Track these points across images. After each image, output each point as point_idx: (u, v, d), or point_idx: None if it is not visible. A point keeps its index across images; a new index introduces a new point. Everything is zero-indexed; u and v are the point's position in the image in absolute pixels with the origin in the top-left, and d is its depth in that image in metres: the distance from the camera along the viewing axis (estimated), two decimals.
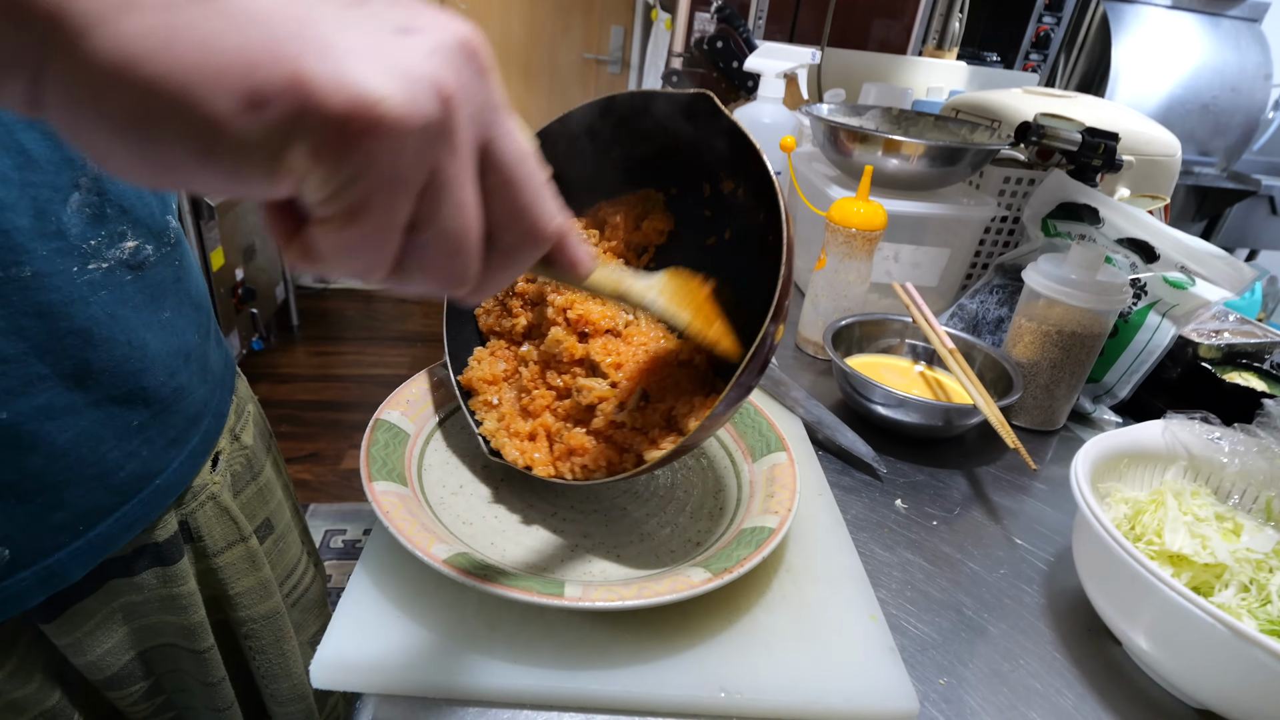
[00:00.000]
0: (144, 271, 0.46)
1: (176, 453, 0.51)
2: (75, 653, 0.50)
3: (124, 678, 0.54)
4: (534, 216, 0.25)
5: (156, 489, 0.49)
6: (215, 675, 0.58)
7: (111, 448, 0.45)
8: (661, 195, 0.54)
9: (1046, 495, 0.69)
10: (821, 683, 0.44)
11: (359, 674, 0.42)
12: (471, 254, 0.24)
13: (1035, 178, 0.95)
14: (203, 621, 0.56)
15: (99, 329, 0.43)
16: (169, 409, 0.49)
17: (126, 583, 0.51)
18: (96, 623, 0.50)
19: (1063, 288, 0.70)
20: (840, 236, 0.81)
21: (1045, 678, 0.49)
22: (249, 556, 0.58)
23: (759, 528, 0.50)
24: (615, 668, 0.44)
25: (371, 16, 0.20)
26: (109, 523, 0.46)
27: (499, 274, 0.26)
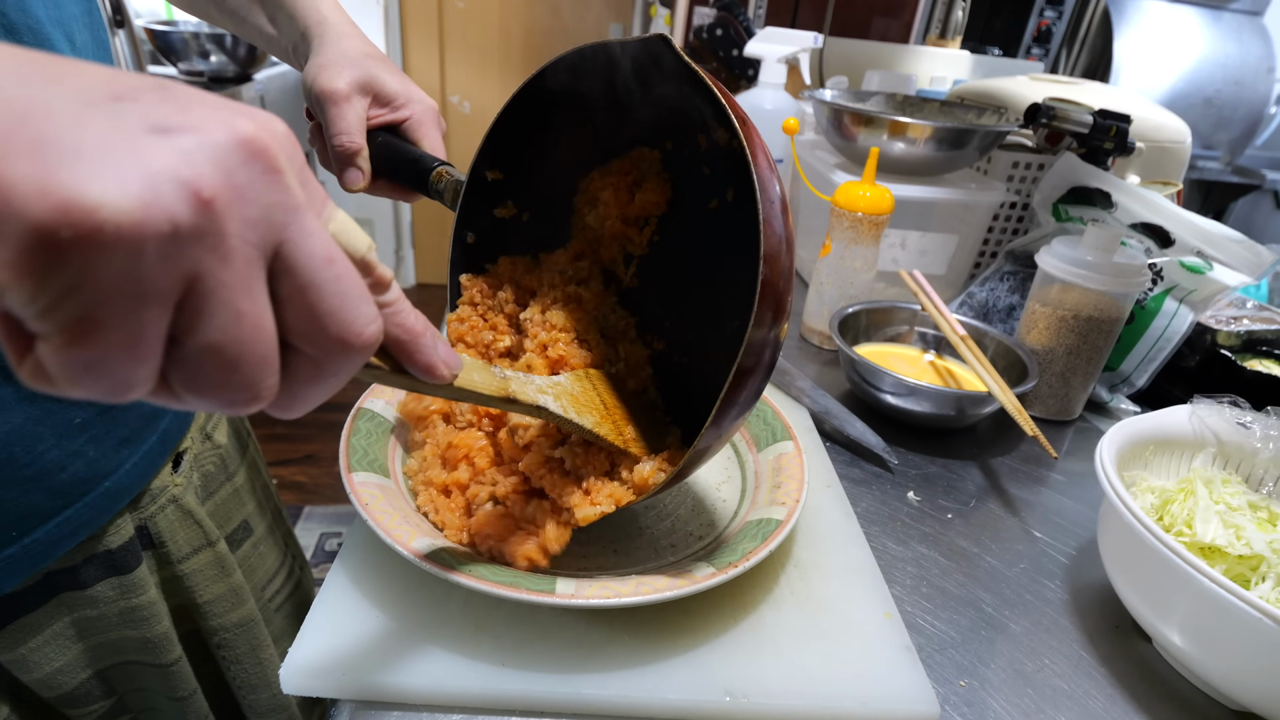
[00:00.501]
0: None
1: (129, 453, 0.47)
2: (21, 669, 0.46)
3: (81, 696, 0.50)
4: (340, 324, 0.22)
5: (105, 492, 0.45)
6: (185, 689, 0.55)
7: (50, 446, 0.41)
8: (657, 153, 0.49)
9: (1064, 487, 0.66)
10: (834, 685, 0.41)
11: (333, 679, 0.38)
12: (257, 367, 0.21)
13: (1044, 162, 0.92)
14: (167, 633, 0.52)
15: None
16: (119, 406, 0.45)
17: (78, 596, 0.47)
18: (44, 639, 0.46)
19: (1079, 270, 0.67)
20: (846, 221, 0.78)
21: (1072, 678, 0.46)
22: (217, 562, 0.55)
23: (766, 519, 0.47)
24: (612, 670, 0.41)
25: (124, 114, 0.18)
26: (48, 528, 0.43)
27: (310, 387, 0.23)
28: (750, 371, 0.38)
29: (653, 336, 0.52)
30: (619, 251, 0.52)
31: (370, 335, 0.23)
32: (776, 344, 0.39)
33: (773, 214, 0.36)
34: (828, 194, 0.81)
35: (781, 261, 0.37)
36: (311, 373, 0.23)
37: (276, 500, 0.70)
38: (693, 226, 0.50)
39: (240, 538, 0.61)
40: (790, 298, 0.39)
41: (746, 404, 0.40)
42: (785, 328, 0.40)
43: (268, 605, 0.65)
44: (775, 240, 0.36)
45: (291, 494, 2.06)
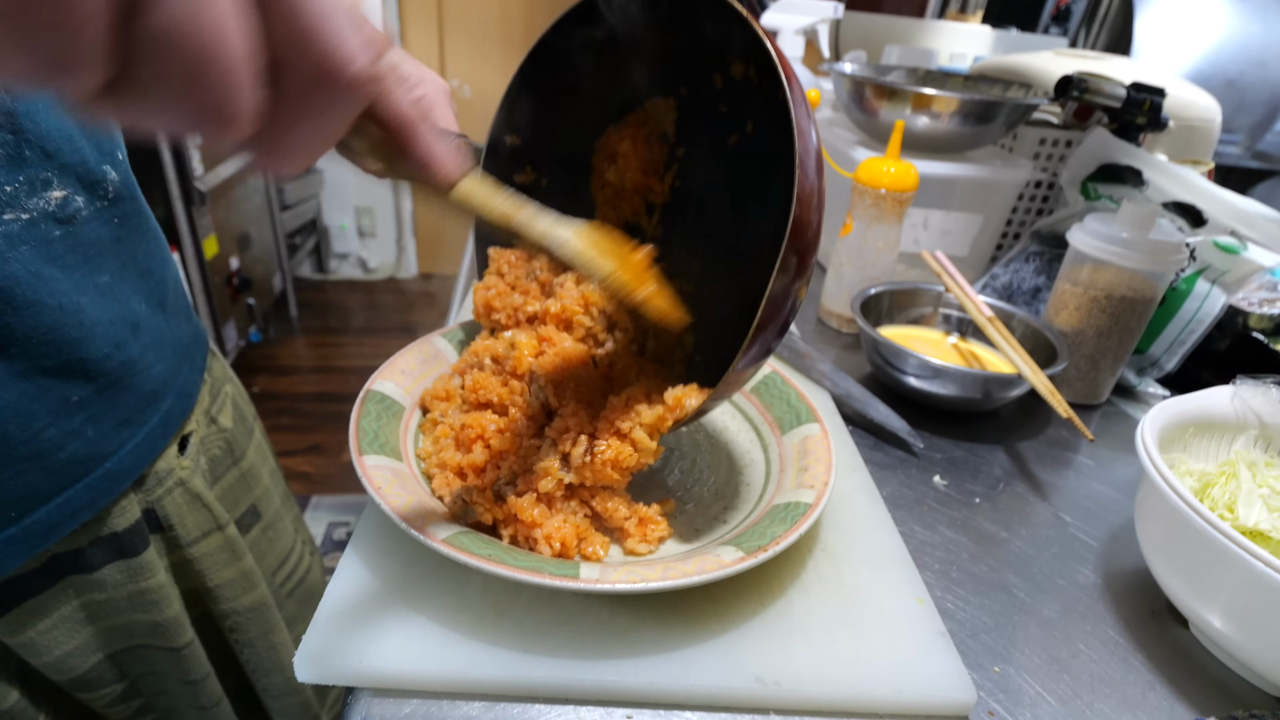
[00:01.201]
0: (75, 227, 0.41)
1: (130, 434, 0.45)
2: (31, 653, 0.45)
3: (92, 680, 0.49)
4: (323, 47, 0.20)
5: (107, 473, 0.44)
6: (197, 672, 0.54)
7: (46, 425, 0.40)
8: (672, 100, 0.49)
9: (1093, 471, 0.64)
10: (867, 671, 0.40)
11: (349, 667, 0.37)
12: (226, 73, 0.18)
13: (1072, 139, 0.90)
14: (177, 617, 0.51)
15: (21, 290, 0.38)
16: (117, 385, 0.44)
17: (85, 580, 0.46)
18: (53, 622, 0.45)
19: (1113, 248, 0.65)
20: (869, 199, 0.76)
21: (1108, 663, 0.45)
22: (227, 546, 0.54)
23: (793, 503, 0.46)
24: (638, 656, 0.39)
25: None
26: (49, 509, 0.41)
27: (293, 127, 0.21)
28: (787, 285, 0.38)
29: (682, 281, 0.51)
30: (640, 203, 0.51)
31: (357, 70, 0.20)
32: (813, 249, 0.38)
33: (807, 149, 0.35)
34: (849, 170, 0.79)
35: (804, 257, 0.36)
36: (293, 109, 0.20)
37: (285, 485, 0.69)
38: (714, 167, 0.50)
39: (249, 522, 0.60)
40: (819, 226, 0.38)
41: (786, 321, 0.40)
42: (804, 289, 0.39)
43: (279, 590, 0.64)
44: (809, 142, 0.36)
45: (299, 484, 2.06)
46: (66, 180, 0.40)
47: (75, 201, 0.41)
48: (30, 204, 0.38)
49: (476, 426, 0.47)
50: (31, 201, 0.38)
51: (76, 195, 0.41)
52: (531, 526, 0.42)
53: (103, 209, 0.43)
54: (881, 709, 0.39)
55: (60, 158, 0.39)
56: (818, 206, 0.37)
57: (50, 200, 0.39)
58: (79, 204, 0.41)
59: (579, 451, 0.43)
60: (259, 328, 2.52)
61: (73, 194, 0.40)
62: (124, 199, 0.45)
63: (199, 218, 1.98)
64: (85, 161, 0.41)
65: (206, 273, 2.04)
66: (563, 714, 0.38)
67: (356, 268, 3.42)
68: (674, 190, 0.52)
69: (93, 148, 0.42)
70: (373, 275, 3.42)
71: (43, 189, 0.39)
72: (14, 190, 0.37)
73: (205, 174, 1.99)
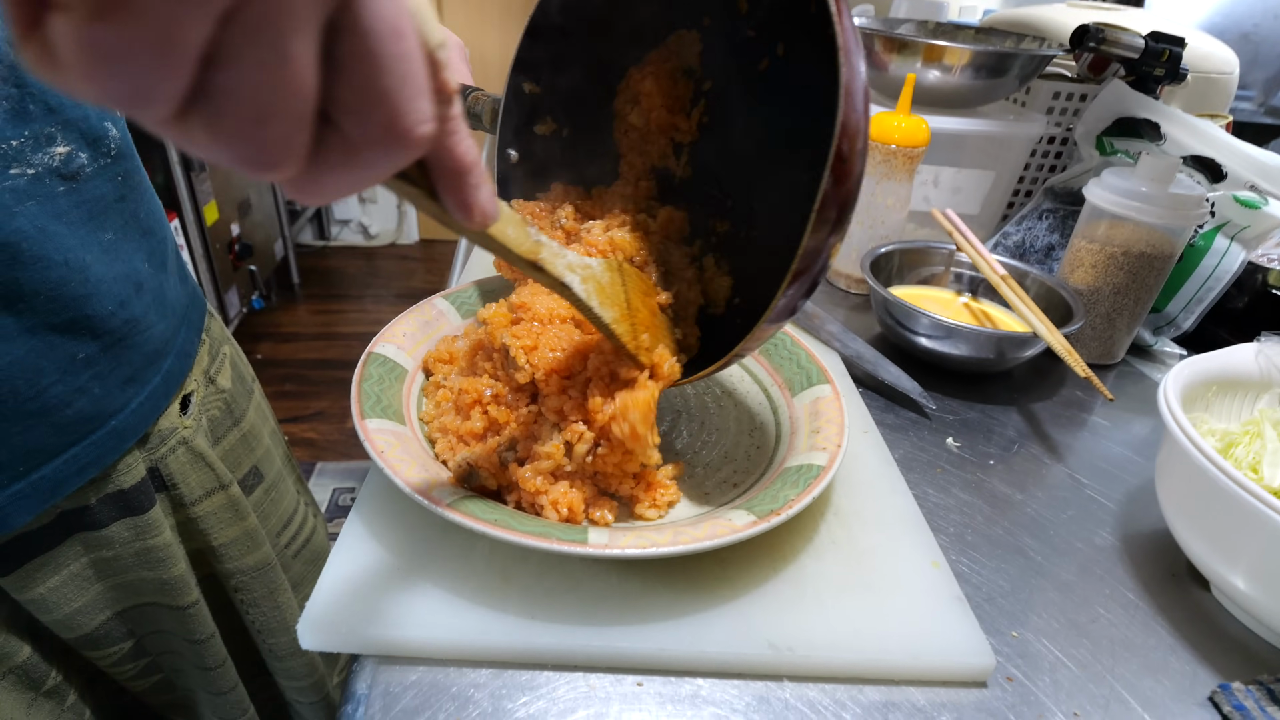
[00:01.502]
0: (79, 183, 0.41)
1: (135, 392, 0.46)
2: (41, 609, 0.46)
3: (100, 638, 0.50)
4: (392, 110, 0.19)
5: (112, 430, 0.44)
6: (203, 632, 0.54)
7: (54, 381, 0.40)
8: (695, 33, 0.47)
9: (1109, 432, 0.63)
10: (882, 637, 0.39)
11: (354, 634, 0.36)
12: (290, 125, 0.18)
13: (1087, 93, 0.87)
14: (183, 575, 0.51)
15: (28, 245, 0.38)
16: (122, 343, 0.44)
17: (94, 536, 0.46)
18: (63, 579, 0.46)
19: (1132, 203, 0.63)
20: (878, 155, 0.73)
21: (1128, 627, 0.44)
22: (231, 505, 0.54)
23: (806, 465, 0.44)
24: (648, 622, 0.38)
25: None
26: (56, 464, 0.42)
27: (338, 173, 0.20)
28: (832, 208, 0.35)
29: (715, 220, 0.49)
30: (668, 144, 0.50)
31: (421, 135, 0.20)
32: (860, 166, 0.36)
33: (854, 75, 0.32)
34: None
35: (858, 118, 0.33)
36: (344, 157, 0.20)
37: (286, 447, 0.68)
38: (744, 97, 0.47)
39: (252, 483, 0.59)
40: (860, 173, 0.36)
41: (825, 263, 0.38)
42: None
43: (284, 551, 0.64)
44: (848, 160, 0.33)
45: (303, 450, 2.06)
46: (70, 136, 0.40)
47: (79, 158, 0.41)
48: (35, 159, 0.38)
49: (473, 392, 0.46)
50: (36, 157, 0.38)
51: (80, 151, 0.41)
52: (536, 494, 0.41)
53: (106, 166, 0.43)
54: (897, 675, 0.38)
55: (63, 113, 0.39)
56: (862, 150, 0.34)
57: (54, 156, 0.39)
58: (83, 160, 0.41)
59: (582, 450, 0.42)
60: (261, 295, 2.50)
61: (76, 150, 0.40)
62: (125, 156, 0.45)
63: (198, 184, 1.95)
64: (87, 117, 0.41)
65: (208, 239, 2.02)
66: (571, 681, 0.37)
67: (358, 234, 3.39)
68: (702, 128, 0.49)
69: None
70: (374, 241, 3.39)
71: (47, 144, 0.39)
72: (19, 145, 0.37)
73: None
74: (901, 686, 0.38)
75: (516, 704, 0.35)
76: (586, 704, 0.36)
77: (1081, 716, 0.38)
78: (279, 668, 0.63)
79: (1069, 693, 0.39)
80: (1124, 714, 0.38)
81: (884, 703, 0.37)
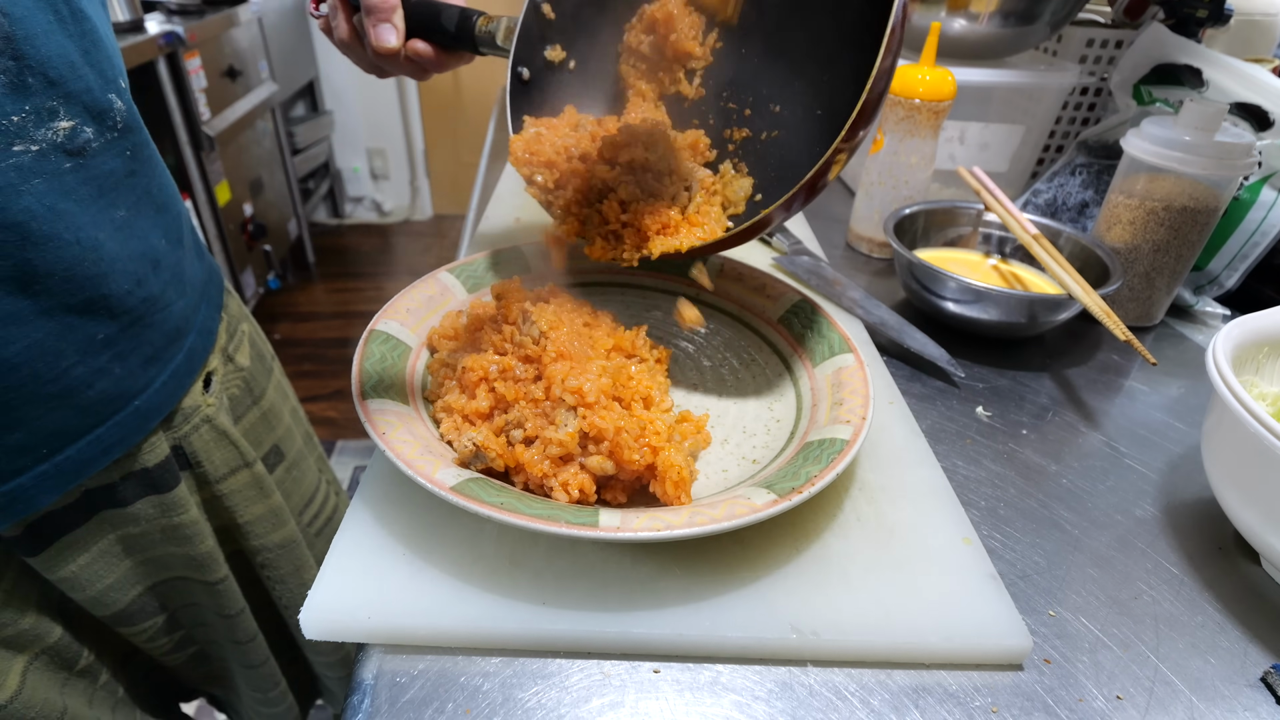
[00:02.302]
0: (86, 159, 0.39)
1: (157, 371, 0.45)
2: (73, 588, 0.46)
3: (134, 614, 0.50)
4: None
5: (136, 411, 0.43)
6: (233, 607, 0.54)
7: (74, 363, 0.39)
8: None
9: (1149, 397, 0.60)
10: (913, 617, 0.37)
11: (358, 623, 0.35)
12: None
13: (1123, 39, 0.82)
14: (211, 552, 0.51)
15: (37, 224, 0.36)
16: (140, 322, 0.43)
17: (120, 514, 0.46)
18: (92, 556, 0.46)
19: (1174, 153, 0.59)
20: (901, 111, 0.70)
21: (1173, 604, 0.41)
22: (255, 483, 0.53)
23: (829, 439, 0.42)
24: (664, 606, 0.37)
25: None
26: (80, 446, 0.41)
27: None
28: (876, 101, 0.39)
29: (733, 130, 0.54)
30: (680, 73, 0.53)
31: None
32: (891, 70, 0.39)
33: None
34: None
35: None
36: None
37: (307, 426, 0.68)
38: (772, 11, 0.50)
39: (273, 462, 0.59)
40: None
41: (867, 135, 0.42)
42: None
43: (307, 529, 0.64)
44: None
45: (324, 429, 2.07)
46: (73, 109, 0.38)
47: (84, 132, 0.39)
48: (38, 135, 0.36)
49: (478, 369, 0.44)
50: (40, 132, 0.37)
51: (85, 126, 0.39)
52: (544, 477, 0.40)
53: (113, 140, 0.41)
54: (929, 658, 0.36)
55: (64, 85, 0.38)
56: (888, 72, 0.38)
57: (58, 131, 0.37)
58: (88, 135, 0.39)
59: (599, 460, 0.40)
60: (277, 274, 2.50)
61: (81, 124, 0.39)
62: (132, 130, 0.44)
63: (209, 163, 1.93)
64: (90, 89, 0.39)
65: (220, 219, 2.01)
66: (585, 669, 0.35)
67: (371, 211, 3.37)
68: (715, 52, 0.53)
69: (96, 75, 0.40)
70: (388, 218, 3.37)
71: (49, 119, 0.37)
72: (20, 120, 0.36)
73: (212, 118, 1.94)
74: (933, 670, 0.36)
75: (528, 693, 0.34)
76: (601, 692, 0.34)
77: (1125, 699, 0.36)
78: (306, 643, 0.63)
79: (1110, 674, 0.37)
80: (1169, 696, 0.36)
81: (914, 687, 0.36)
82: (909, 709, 0.34)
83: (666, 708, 0.34)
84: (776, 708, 0.34)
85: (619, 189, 0.49)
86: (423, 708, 0.33)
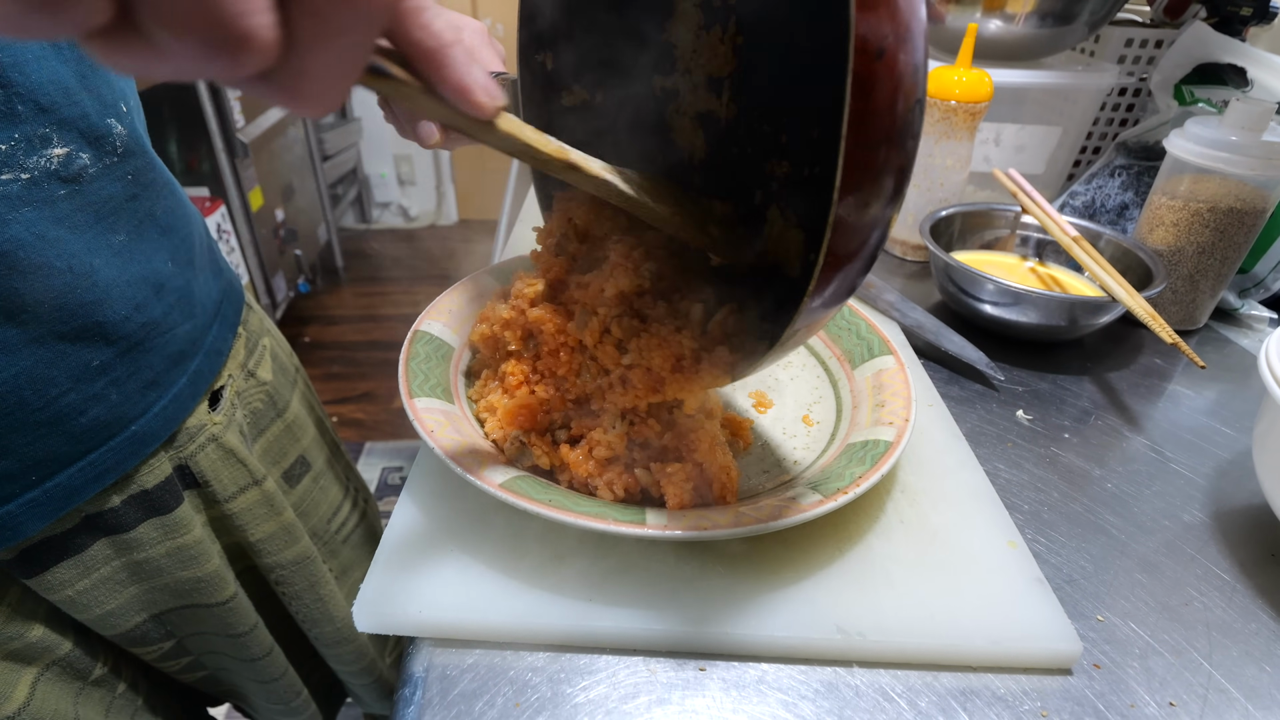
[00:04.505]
0: (82, 185, 0.38)
1: (157, 396, 0.44)
2: (74, 609, 0.45)
3: (139, 637, 0.49)
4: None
5: (133, 436, 0.43)
6: (243, 625, 0.53)
7: (65, 391, 0.39)
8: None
9: (1195, 402, 0.59)
10: (958, 620, 0.37)
11: (409, 617, 0.36)
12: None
13: (1163, 38, 0.81)
14: (218, 571, 0.50)
15: (25, 252, 0.35)
16: (140, 347, 0.42)
17: (123, 540, 0.45)
18: (93, 582, 0.45)
19: (1220, 153, 0.58)
20: (937, 112, 0.69)
21: (1226, 611, 0.41)
22: (265, 501, 0.52)
23: (872, 441, 0.42)
24: (709, 606, 0.37)
25: None
26: (70, 472, 0.40)
27: (316, 50, 0.18)
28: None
29: (772, 163, 0.39)
30: (705, 82, 0.42)
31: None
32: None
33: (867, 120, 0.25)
34: None
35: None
36: (314, 28, 0.18)
37: (333, 434, 0.68)
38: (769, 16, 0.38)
39: (299, 473, 0.59)
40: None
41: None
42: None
43: (335, 538, 0.64)
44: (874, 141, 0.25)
45: (351, 431, 2.09)
46: (68, 136, 0.37)
47: (80, 159, 0.38)
48: (30, 163, 0.36)
49: (518, 372, 0.44)
50: (31, 160, 0.36)
51: (81, 152, 0.38)
52: (589, 477, 0.40)
53: (112, 165, 0.40)
54: (976, 661, 0.36)
55: (57, 112, 0.37)
56: (902, 81, 0.25)
57: (52, 158, 0.36)
58: (84, 161, 0.38)
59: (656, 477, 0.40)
60: (307, 278, 2.54)
61: (76, 151, 0.38)
62: (135, 154, 0.43)
63: (243, 170, 1.97)
64: (86, 115, 0.38)
65: (253, 224, 2.04)
66: (631, 665, 0.36)
67: (398, 216, 3.41)
68: (737, 51, 0.40)
69: (94, 100, 0.39)
70: (414, 223, 3.41)
71: (42, 146, 0.36)
72: (9, 149, 0.35)
73: (246, 125, 1.98)
74: (980, 673, 0.36)
75: (576, 688, 0.34)
76: (649, 689, 0.34)
77: (1178, 706, 0.35)
78: (328, 654, 0.63)
79: (1162, 680, 0.37)
80: (1224, 704, 0.36)
81: (962, 690, 0.35)
82: (956, 711, 0.34)
83: (713, 705, 0.34)
84: (823, 707, 0.34)
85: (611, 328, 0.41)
86: (473, 700, 0.33)
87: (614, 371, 0.41)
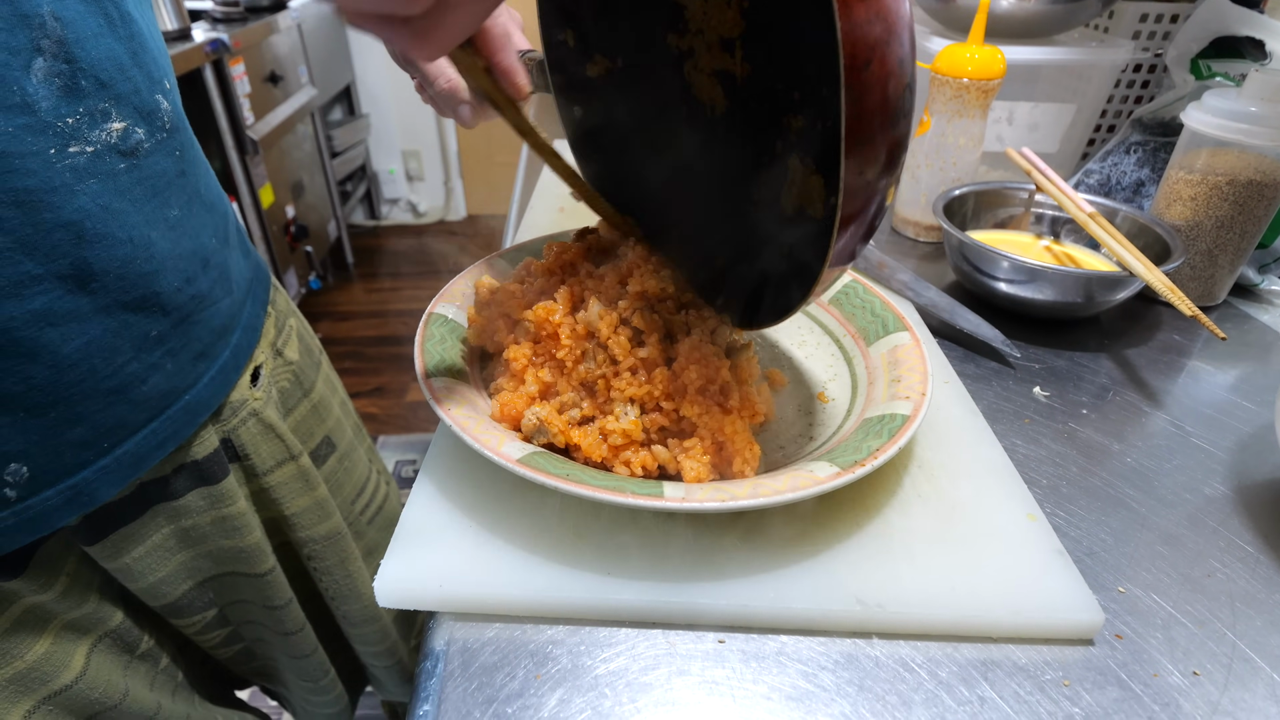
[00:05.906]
0: (139, 160, 0.40)
1: (206, 367, 0.46)
2: (128, 578, 0.47)
3: (184, 607, 0.51)
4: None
5: (187, 405, 0.44)
6: (280, 598, 0.55)
7: (129, 359, 0.40)
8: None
9: (1214, 377, 0.58)
10: (979, 592, 0.36)
11: (429, 591, 0.36)
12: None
13: (1179, 12, 0.80)
14: (259, 543, 0.52)
15: (91, 223, 0.37)
16: (190, 319, 0.44)
17: (172, 507, 0.47)
18: (147, 549, 0.47)
19: (1239, 125, 0.57)
20: (949, 91, 0.69)
21: (1249, 582, 0.40)
22: (301, 475, 0.54)
23: (889, 415, 0.42)
24: (727, 579, 0.37)
25: None
26: (137, 440, 0.42)
27: (455, 8, 0.27)
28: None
29: (789, 117, 0.38)
30: (717, 40, 0.42)
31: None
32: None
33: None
34: (926, 62, 0.71)
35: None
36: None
37: (355, 417, 0.69)
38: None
39: (324, 453, 0.60)
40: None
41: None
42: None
43: (359, 518, 0.65)
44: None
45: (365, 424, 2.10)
46: (124, 111, 0.39)
47: (136, 133, 0.40)
48: (93, 136, 0.37)
49: (520, 358, 0.44)
50: (94, 134, 0.37)
51: (136, 127, 0.40)
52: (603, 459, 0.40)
53: (163, 140, 0.42)
54: (997, 632, 0.36)
55: (114, 87, 0.38)
56: (888, 64, 0.27)
57: (111, 132, 0.38)
58: (140, 136, 0.40)
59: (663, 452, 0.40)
60: (318, 275, 2.55)
61: (133, 125, 0.39)
62: (179, 130, 0.44)
63: (253, 167, 1.98)
64: (138, 91, 0.40)
65: (265, 221, 2.06)
66: (650, 638, 0.36)
67: (407, 212, 3.42)
68: (743, 12, 0.38)
69: (144, 76, 0.41)
70: (423, 219, 3.42)
71: (103, 120, 0.38)
72: (75, 122, 0.36)
73: (255, 122, 1.99)
74: (1000, 644, 0.36)
75: (596, 660, 0.34)
76: (669, 661, 0.34)
77: (1202, 675, 0.35)
78: (353, 633, 0.64)
79: (1185, 650, 0.36)
80: (1249, 673, 0.35)
81: (982, 660, 0.35)
82: (978, 681, 0.34)
83: (734, 676, 0.34)
84: (843, 677, 0.34)
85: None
86: (494, 672, 0.33)
87: (623, 361, 0.41)
